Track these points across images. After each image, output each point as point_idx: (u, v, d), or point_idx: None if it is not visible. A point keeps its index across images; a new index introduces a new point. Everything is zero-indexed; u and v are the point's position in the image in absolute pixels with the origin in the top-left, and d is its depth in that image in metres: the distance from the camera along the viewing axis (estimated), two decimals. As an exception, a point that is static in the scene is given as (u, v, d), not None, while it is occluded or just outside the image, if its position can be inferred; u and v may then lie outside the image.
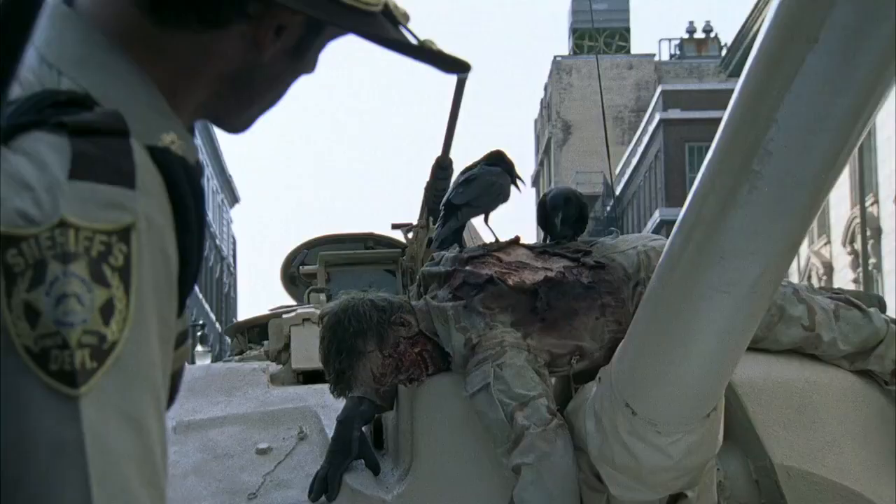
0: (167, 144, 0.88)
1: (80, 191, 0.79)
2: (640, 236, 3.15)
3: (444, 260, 2.98)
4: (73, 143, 0.80)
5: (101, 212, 0.79)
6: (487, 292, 2.83)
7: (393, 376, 2.83)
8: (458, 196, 3.05)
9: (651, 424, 2.44)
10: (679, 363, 2.28)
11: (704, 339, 2.20)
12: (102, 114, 0.84)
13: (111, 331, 0.78)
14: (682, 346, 2.24)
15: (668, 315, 2.22)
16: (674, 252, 2.14)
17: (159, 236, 0.83)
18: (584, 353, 2.81)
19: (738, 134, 1.83)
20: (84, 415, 0.76)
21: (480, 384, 2.70)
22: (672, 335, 2.24)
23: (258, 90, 0.97)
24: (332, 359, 2.82)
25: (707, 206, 1.98)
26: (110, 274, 0.79)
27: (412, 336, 2.86)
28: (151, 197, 0.83)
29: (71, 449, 0.75)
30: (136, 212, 0.81)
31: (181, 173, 0.86)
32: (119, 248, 0.80)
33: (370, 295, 2.90)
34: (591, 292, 2.85)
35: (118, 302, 0.79)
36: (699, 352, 2.23)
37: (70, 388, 0.76)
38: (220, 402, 3.51)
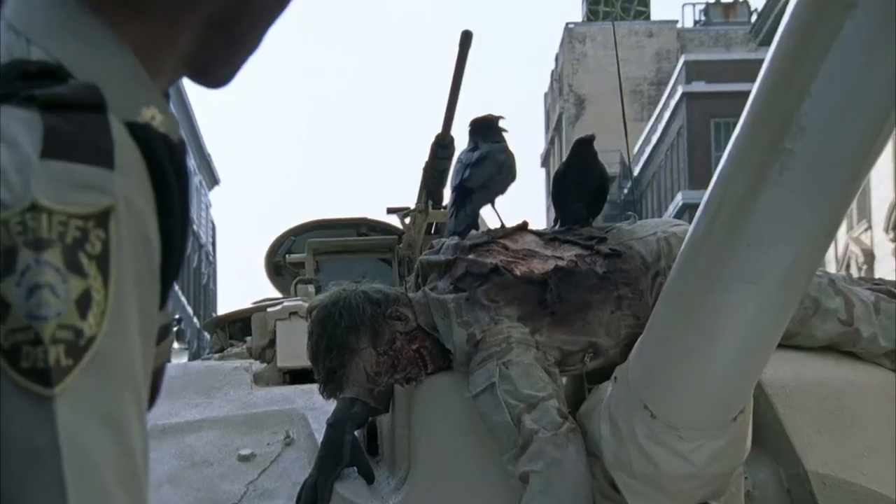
0: (148, 120, 0.87)
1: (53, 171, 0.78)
2: (661, 221, 3.15)
3: (445, 248, 2.99)
4: (45, 118, 0.80)
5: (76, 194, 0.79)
6: (492, 283, 2.84)
7: (388, 375, 2.84)
8: (471, 178, 3.05)
9: (672, 428, 2.45)
10: (703, 361, 2.29)
11: (731, 335, 2.20)
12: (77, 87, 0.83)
13: (88, 325, 0.78)
14: (706, 343, 2.24)
15: (690, 308, 2.22)
16: (697, 238, 2.14)
17: (140, 221, 0.82)
18: (599, 350, 2.81)
19: (768, 108, 1.83)
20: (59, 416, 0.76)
21: (484, 384, 2.70)
22: (695, 330, 2.25)
23: (247, 28, 0.96)
24: (321, 356, 2.82)
25: (734, 187, 1.98)
26: (87, 262, 0.78)
27: (409, 331, 2.86)
28: (131, 178, 0.82)
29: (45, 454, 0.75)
30: (114, 194, 0.80)
31: (163, 152, 0.86)
32: (96, 234, 0.79)
33: (363, 286, 2.90)
34: (606, 283, 2.85)
35: (96, 293, 0.78)
36: (725, 348, 2.24)
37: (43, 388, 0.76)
38: (199, 404, 3.51)
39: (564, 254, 2.93)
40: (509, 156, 3.13)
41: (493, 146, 3.12)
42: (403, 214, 4.77)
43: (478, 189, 3.04)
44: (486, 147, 3.10)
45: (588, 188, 3.08)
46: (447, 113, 4.06)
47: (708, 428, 2.46)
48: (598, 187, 3.10)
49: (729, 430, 2.46)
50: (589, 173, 3.06)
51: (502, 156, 3.12)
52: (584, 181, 3.07)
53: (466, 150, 3.16)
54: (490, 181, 3.07)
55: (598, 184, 3.09)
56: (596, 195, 3.11)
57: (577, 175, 3.07)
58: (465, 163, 3.09)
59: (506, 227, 3.06)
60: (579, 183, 3.07)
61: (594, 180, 3.07)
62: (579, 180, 3.07)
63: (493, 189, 3.07)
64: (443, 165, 4.27)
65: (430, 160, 4.34)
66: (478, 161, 3.08)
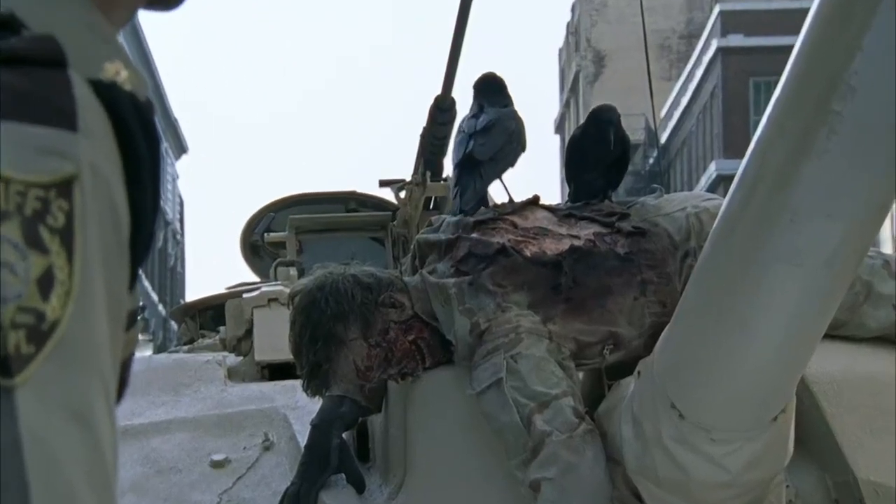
0: (112, 77, 0.87)
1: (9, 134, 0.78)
2: (691, 195, 3.15)
3: (445, 225, 2.99)
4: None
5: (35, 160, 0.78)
6: (499, 265, 2.84)
7: (381, 370, 2.85)
8: (479, 149, 3.04)
9: (703, 430, 2.46)
10: (738, 353, 2.30)
11: (771, 324, 2.21)
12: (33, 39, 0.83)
13: (51, 307, 0.78)
14: (743, 333, 2.25)
15: (724, 293, 2.23)
16: (732, 214, 2.14)
17: (107, 190, 0.82)
18: (620, 342, 2.82)
19: (814, 65, 1.83)
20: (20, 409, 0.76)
21: (490, 380, 2.71)
22: (730, 318, 2.25)
23: None
24: (305, 348, 2.83)
25: (774, 155, 1.98)
26: (49, 237, 0.78)
27: (405, 320, 2.87)
28: (96, 141, 0.82)
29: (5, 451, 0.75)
30: (78, 160, 0.80)
31: (131, 112, 0.86)
32: (59, 204, 0.79)
33: (353, 269, 2.91)
34: (628, 265, 2.86)
35: (59, 271, 0.78)
36: (764, 339, 2.24)
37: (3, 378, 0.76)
38: (165, 402, 3.52)
39: (581, 232, 2.93)
40: (519, 122, 3.12)
41: (501, 111, 3.10)
42: (398, 187, 4.78)
43: (487, 162, 3.03)
44: (493, 113, 3.08)
45: (606, 157, 3.07)
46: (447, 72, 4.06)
47: (744, 429, 2.46)
48: (619, 156, 3.09)
49: (768, 431, 2.47)
50: (608, 140, 3.05)
51: (512, 123, 3.10)
52: (603, 149, 3.06)
53: (469, 116, 3.13)
54: (500, 153, 3.06)
55: (618, 152, 3.08)
56: (616, 165, 3.10)
57: (595, 142, 3.06)
58: (469, 132, 3.07)
59: (514, 202, 3.06)
60: (597, 151, 3.06)
61: (614, 148, 3.05)
62: (597, 148, 3.06)
63: (503, 161, 3.06)
64: (443, 132, 4.27)
65: (428, 126, 4.34)
66: (484, 130, 3.06)
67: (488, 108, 3.10)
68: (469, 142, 3.05)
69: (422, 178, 4.57)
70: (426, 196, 4.71)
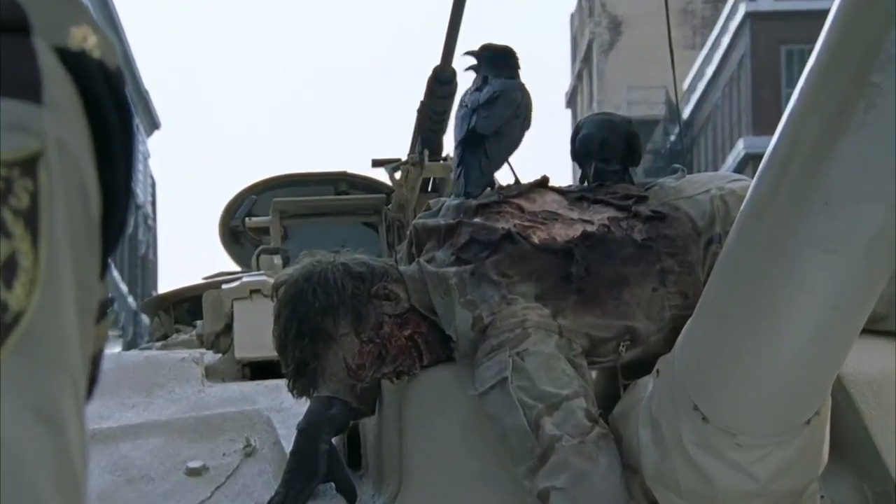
0: (80, 44, 0.86)
1: None
2: (716, 176, 3.15)
3: (445, 209, 2.99)
4: None
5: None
6: (504, 253, 2.84)
7: (374, 369, 2.85)
8: (482, 122, 3.04)
9: (729, 434, 2.46)
10: (768, 350, 2.30)
11: (803, 317, 2.21)
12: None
13: (15, 297, 0.78)
14: (773, 327, 2.26)
15: (752, 283, 2.24)
16: (761, 196, 2.15)
17: (76, 168, 0.82)
18: (637, 337, 2.82)
19: (851, 32, 1.83)
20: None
21: (494, 379, 2.72)
22: (758, 311, 2.26)
23: None
24: (290, 345, 2.84)
25: (808, 132, 1.99)
26: (12, 220, 0.78)
27: (400, 314, 2.87)
28: (63, 115, 0.82)
29: None
30: (43, 135, 0.80)
31: (101, 83, 0.85)
32: (23, 184, 0.78)
33: (343, 257, 2.91)
34: (646, 253, 2.86)
35: (23, 258, 0.78)
36: (796, 334, 2.25)
37: None
38: (136, 404, 3.53)
39: (594, 216, 2.93)
40: (526, 96, 3.12)
41: (506, 82, 3.11)
42: (393, 168, 4.77)
43: (492, 136, 3.03)
44: (498, 84, 3.09)
45: (611, 154, 3.07)
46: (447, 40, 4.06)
47: (774, 434, 2.47)
48: (626, 149, 3.10)
49: (800, 436, 2.48)
50: (609, 142, 3.06)
51: (518, 94, 3.10)
52: (606, 151, 3.07)
53: (472, 89, 3.13)
54: (507, 127, 3.06)
55: (624, 147, 3.10)
56: (627, 153, 3.11)
57: (599, 147, 3.07)
58: (473, 106, 3.07)
59: (521, 184, 3.07)
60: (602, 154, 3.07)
61: (619, 144, 3.07)
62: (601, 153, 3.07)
63: (510, 137, 3.06)
64: (442, 106, 4.27)
65: (426, 100, 4.34)
66: (489, 102, 3.06)
67: (493, 80, 3.10)
68: (472, 117, 3.05)
69: (419, 157, 4.56)
70: (424, 177, 4.71)
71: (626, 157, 3.12)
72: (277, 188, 5.82)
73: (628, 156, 3.12)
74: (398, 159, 4.76)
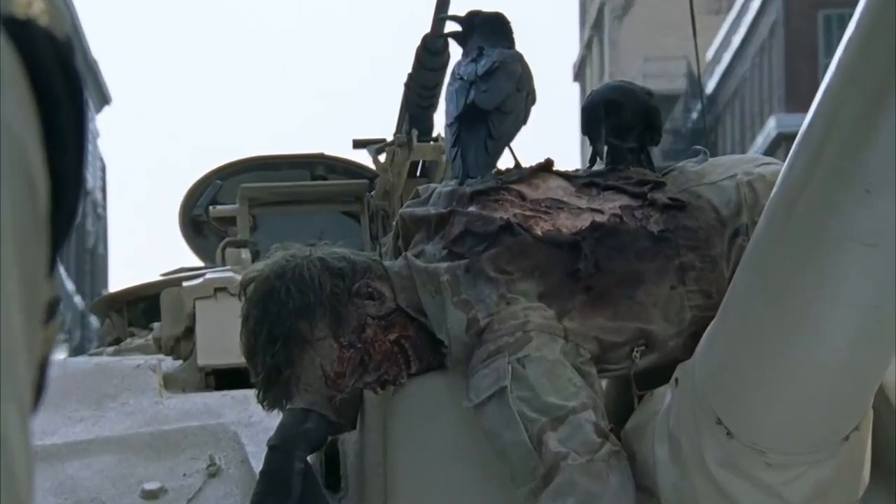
0: (25, 11, 0.86)
1: None
2: (743, 159, 3.16)
3: (436, 196, 3.00)
4: None
5: None
6: (502, 246, 2.85)
7: (356, 377, 2.86)
8: (483, 97, 3.04)
9: (757, 451, 2.47)
10: (801, 357, 2.31)
11: (841, 319, 2.22)
12: None
13: None
14: (807, 330, 2.26)
15: (783, 281, 2.24)
16: (794, 182, 2.15)
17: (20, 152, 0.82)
18: (653, 342, 2.83)
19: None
20: None
21: (491, 389, 2.72)
22: (790, 312, 2.26)
23: None
24: (261, 350, 2.84)
25: (847, 109, 1.99)
26: None
27: (385, 315, 2.88)
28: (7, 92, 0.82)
29: None
30: None
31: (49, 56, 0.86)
32: None
33: (320, 251, 2.92)
34: (663, 247, 2.86)
35: None
36: (833, 338, 2.25)
37: None
38: (85, 418, 3.53)
39: (605, 205, 2.94)
40: (526, 68, 3.12)
41: (504, 52, 3.11)
42: (377, 149, 4.77)
43: (494, 112, 3.03)
44: (496, 54, 3.09)
45: (627, 127, 3.06)
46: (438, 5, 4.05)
47: (808, 451, 2.47)
48: (646, 124, 3.09)
49: (838, 453, 2.48)
50: (625, 108, 3.05)
51: (518, 66, 3.11)
52: (621, 119, 3.06)
53: (467, 60, 3.13)
54: (510, 101, 3.06)
55: (642, 122, 3.08)
56: (646, 131, 3.09)
57: (611, 111, 3.05)
58: (470, 79, 3.07)
59: (522, 168, 3.07)
60: (615, 122, 3.05)
61: (635, 117, 3.05)
62: (615, 119, 3.05)
63: (514, 114, 3.06)
64: (433, 79, 4.27)
65: (414, 72, 4.33)
66: (487, 74, 3.06)
67: (489, 50, 3.10)
68: (470, 90, 3.05)
69: (407, 137, 4.56)
70: (412, 160, 4.71)
71: (643, 134, 3.10)
72: (245, 172, 5.82)
73: (646, 132, 3.10)
74: (383, 140, 4.75)
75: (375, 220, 5.01)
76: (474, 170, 2.98)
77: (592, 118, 3.06)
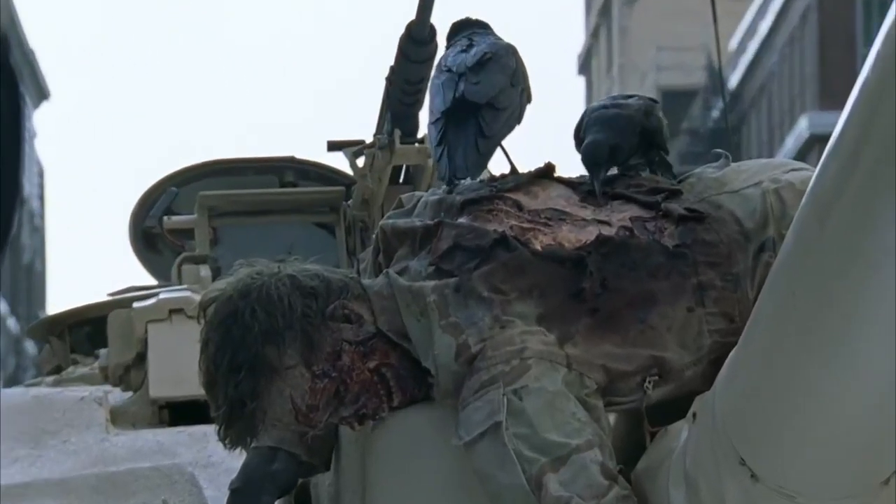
0: None
1: None
2: (770, 163, 3.16)
3: (422, 206, 3.00)
4: None
5: None
6: (497, 263, 2.86)
7: (330, 411, 2.86)
8: (473, 89, 3.05)
9: (785, 496, 2.48)
10: (836, 388, 2.31)
11: (880, 346, 2.22)
12: None
13: None
14: (842, 358, 2.27)
15: (815, 303, 2.25)
16: (827, 190, 2.16)
17: None
18: (668, 371, 2.84)
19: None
20: None
21: (484, 425, 2.73)
22: (823, 338, 2.27)
23: None
24: (222, 380, 2.84)
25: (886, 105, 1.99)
26: None
27: (364, 340, 2.88)
28: None
29: None
30: None
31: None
32: None
33: (290, 267, 2.92)
34: (679, 264, 2.87)
35: None
36: (871, 368, 2.26)
37: None
38: (21, 457, 3.53)
39: (613, 216, 2.95)
40: (520, 62, 3.13)
41: (497, 44, 3.13)
42: (355, 152, 4.78)
43: (486, 108, 3.04)
44: (487, 44, 3.10)
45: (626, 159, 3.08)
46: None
47: (844, 496, 2.48)
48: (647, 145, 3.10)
49: (878, 499, 2.49)
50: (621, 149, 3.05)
51: (511, 59, 3.12)
52: (618, 158, 3.07)
53: (456, 51, 3.14)
54: (503, 97, 3.07)
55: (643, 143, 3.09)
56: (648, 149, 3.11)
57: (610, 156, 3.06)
58: (459, 70, 3.09)
59: (519, 174, 3.08)
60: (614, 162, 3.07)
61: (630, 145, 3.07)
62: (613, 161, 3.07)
63: (510, 110, 3.07)
64: (418, 73, 4.27)
65: (396, 64, 4.34)
66: (479, 65, 3.08)
67: (479, 39, 3.12)
68: (458, 83, 3.06)
69: (388, 138, 4.57)
70: (394, 164, 4.72)
71: (647, 151, 3.11)
72: (205, 178, 5.81)
73: (651, 151, 3.11)
74: (361, 141, 4.76)
75: (353, 233, 5.01)
76: (463, 171, 2.99)
77: (590, 162, 3.06)
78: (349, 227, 5.07)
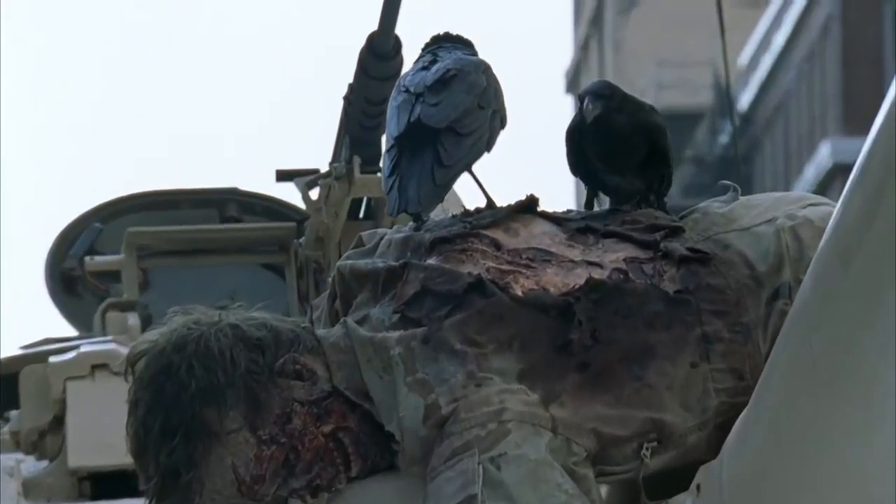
0: None
1: None
2: (785, 197, 3.17)
3: (385, 244, 3.01)
4: None
5: None
6: (471, 311, 2.86)
7: (279, 482, 2.86)
8: (430, 111, 3.04)
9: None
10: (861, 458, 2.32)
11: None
12: None
13: None
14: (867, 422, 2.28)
15: (837, 357, 2.26)
16: (850, 227, 2.17)
17: None
18: (668, 436, 2.84)
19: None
20: None
21: (457, 498, 2.73)
22: (846, 399, 2.28)
23: None
24: (153, 447, 2.84)
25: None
26: None
27: (318, 400, 2.89)
28: None
29: None
30: None
31: None
32: None
33: (233, 316, 2.92)
34: (681, 312, 2.88)
35: None
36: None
37: None
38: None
39: (605, 257, 2.95)
40: (493, 80, 3.12)
41: (463, 59, 3.12)
42: (308, 182, 4.79)
43: (446, 133, 3.04)
44: (453, 61, 3.09)
45: (624, 157, 3.07)
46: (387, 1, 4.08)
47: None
48: (648, 152, 3.09)
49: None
50: (619, 134, 3.04)
51: (481, 77, 3.11)
52: (613, 148, 3.06)
53: (416, 69, 3.13)
54: (467, 120, 3.06)
55: (644, 148, 3.09)
56: (648, 162, 3.10)
57: (600, 138, 3.05)
58: (417, 91, 3.08)
59: (496, 207, 3.08)
60: (606, 151, 3.06)
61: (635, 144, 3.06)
62: (605, 146, 3.06)
63: (474, 136, 3.07)
64: (380, 92, 4.29)
65: (356, 82, 4.36)
66: (440, 83, 3.07)
67: (444, 54, 3.11)
68: (415, 105, 3.06)
69: (346, 167, 4.58)
70: (353, 197, 4.73)
71: (647, 166, 3.10)
72: (134, 212, 5.81)
73: (651, 163, 3.10)
74: (315, 170, 4.78)
75: (305, 276, 5.02)
76: (415, 204, 2.98)
77: (572, 144, 3.05)
78: (301, 269, 5.08)
